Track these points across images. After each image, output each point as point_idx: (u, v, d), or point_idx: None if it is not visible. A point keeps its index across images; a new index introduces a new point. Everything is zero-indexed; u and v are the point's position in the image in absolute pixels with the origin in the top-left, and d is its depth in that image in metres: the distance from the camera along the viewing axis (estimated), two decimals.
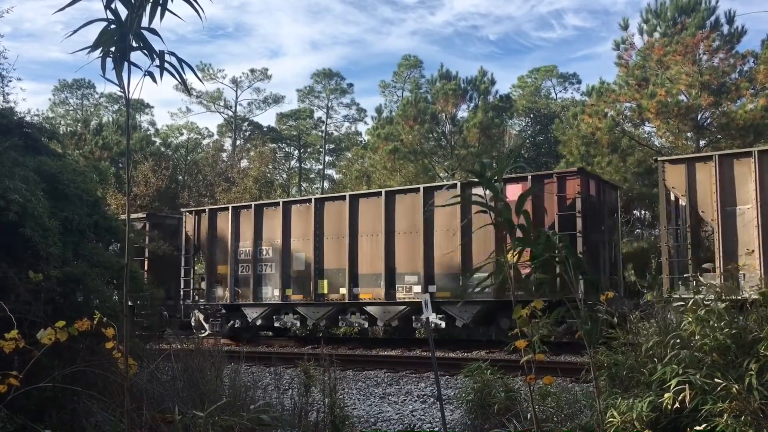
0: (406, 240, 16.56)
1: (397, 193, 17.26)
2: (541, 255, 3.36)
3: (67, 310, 5.74)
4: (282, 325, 18.51)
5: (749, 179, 12.91)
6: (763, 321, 4.84)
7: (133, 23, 3.03)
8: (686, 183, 13.61)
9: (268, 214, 19.02)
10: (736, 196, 13.07)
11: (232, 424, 4.76)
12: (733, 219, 13.02)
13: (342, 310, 17.60)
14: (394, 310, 16.67)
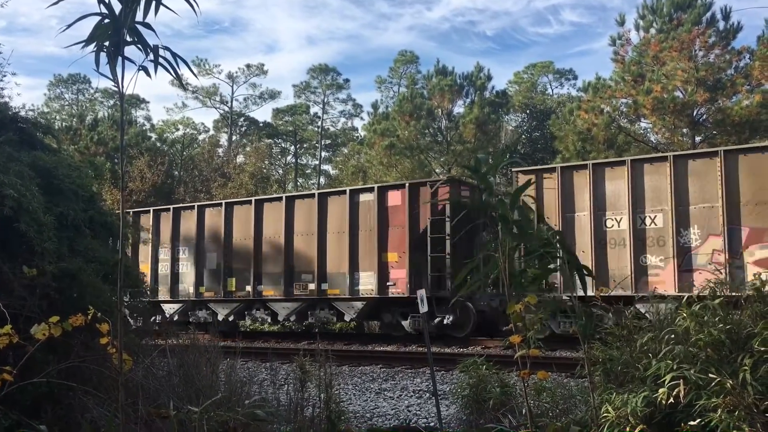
0: (304, 241, 18.05)
1: (296, 198, 18.82)
2: (536, 250, 3.36)
3: (62, 305, 5.73)
4: (195, 320, 19.53)
5: (585, 189, 14.57)
6: (757, 317, 4.85)
7: (127, 18, 3.02)
8: (535, 191, 14.77)
9: (185, 216, 20.49)
10: (575, 203, 14.73)
11: (227, 420, 4.76)
12: (572, 224, 14.71)
13: (248, 306, 19.10)
14: (292, 306, 18.11)
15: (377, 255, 16.81)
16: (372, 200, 17.10)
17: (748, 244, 12.92)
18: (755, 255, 12.79)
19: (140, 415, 4.84)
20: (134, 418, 4.83)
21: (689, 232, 13.67)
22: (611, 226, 14.40)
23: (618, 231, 14.29)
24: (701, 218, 13.52)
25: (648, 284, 13.71)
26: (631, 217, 14.10)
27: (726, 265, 12.69)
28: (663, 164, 14.00)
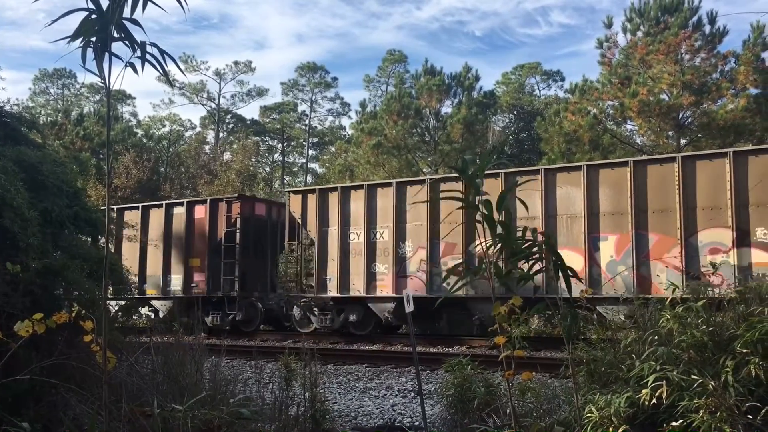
0: (176, 248, 20.11)
1: (174, 206, 20.54)
2: (521, 252, 3.37)
3: (47, 302, 5.70)
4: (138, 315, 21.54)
5: (336, 208, 17.56)
6: (739, 319, 4.90)
7: (115, 13, 3.00)
8: (301, 209, 18.11)
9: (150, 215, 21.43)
10: (329, 219, 17.65)
11: (211, 418, 4.75)
12: (326, 237, 17.63)
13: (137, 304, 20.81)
14: (168, 304, 19.86)
15: (184, 260, 19.69)
16: (182, 213, 19.98)
17: (444, 255, 16.01)
18: (448, 264, 15.75)
19: (124, 413, 4.81)
20: (117, 416, 4.80)
21: (405, 245, 16.63)
22: (353, 239, 17.26)
23: (358, 243, 17.19)
24: (414, 234, 16.48)
25: (376, 287, 16.82)
26: (366, 232, 17.03)
27: (429, 271, 15.99)
28: (389, 189, 16.95)
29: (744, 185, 13.09)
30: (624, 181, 14.09)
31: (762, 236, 12.90)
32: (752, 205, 13.02)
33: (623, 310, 12.39)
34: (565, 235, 14.57)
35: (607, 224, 14.23)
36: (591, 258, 14.28)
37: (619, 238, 14.10)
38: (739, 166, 13.16)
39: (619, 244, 14.12)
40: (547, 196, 14.75)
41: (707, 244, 13.33)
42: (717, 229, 13.25)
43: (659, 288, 13.33)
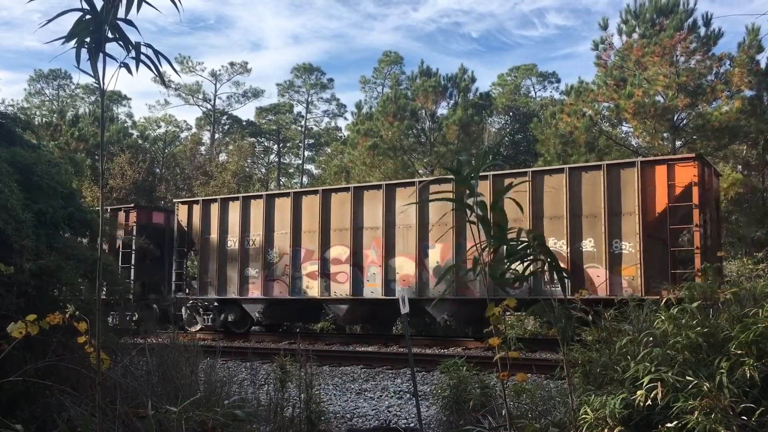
0: None
1: None
2: (517, 253, 3.37)
3: (41, 303, 5.67)
4: None
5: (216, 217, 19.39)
6: (734, 320, 4.91)
7: (109, 14, 2.99)
8: (187, 218, 20.01)
9: None
10: (210, 227, 19.43)
11: (206, 420, 4.74)
12: (208, 243, 19.41)
13: None
14: None
15: None
16: None
17: (304, 261, 17.92)
18: (307, 269, 17.83)
19: (118, 414, 4.80)
20: (112, 417, 4.78)
21: (272, 251, 18.42)
22: (230, 246, 19.02)
23: (233, 249, 18.90)
24: (280, 240, 18.27)
25: (248, 289, 18.56)
26: (241, 239, 18.75)
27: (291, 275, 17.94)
28: (260, 200, 18.81)
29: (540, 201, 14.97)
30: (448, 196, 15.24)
31: (554, 245, 14.56)
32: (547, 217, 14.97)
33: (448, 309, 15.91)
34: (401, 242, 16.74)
35: (436, 233, 16.04)
36: (420, 263, 16.33)
37: (444, 247, 16.08)
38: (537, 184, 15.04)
39: (444, 252, 16.16)
40: (387, 207, 16.85)
41: None
42: None
43: (475, 289, 15.43)
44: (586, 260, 14.61)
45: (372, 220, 17.03)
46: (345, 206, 17.37)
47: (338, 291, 17.36)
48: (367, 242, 17.09)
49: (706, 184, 14.45)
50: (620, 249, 14.35)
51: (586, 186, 14.72)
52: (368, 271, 17.10)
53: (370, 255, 17.03)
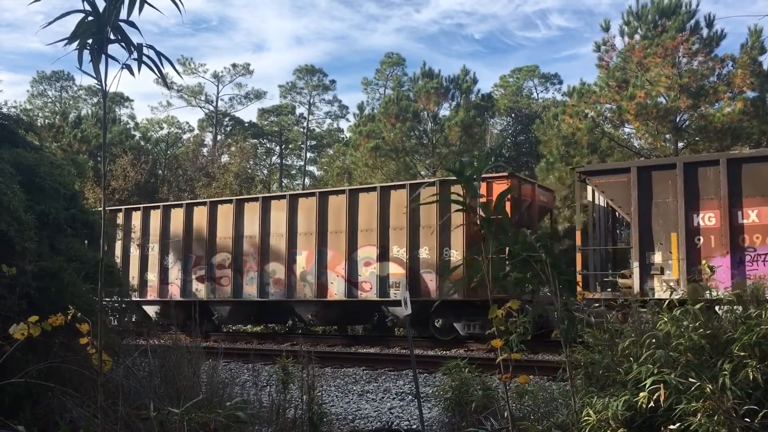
0: None
1: None
2: (520, 254, 3.37)
3: (43, 304, 5.67)
4: None
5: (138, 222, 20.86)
6: (737, 321, 4.90)
7: (111, 15, 2.99)
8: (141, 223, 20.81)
9: None
10: None
11: (208, 421, 4.73)
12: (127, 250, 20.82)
13: None
14: None
15: None
16: None
17: (195, 265, 19.66)
18: (198, 273, 19.63)
19: (120, 415, 4.80)
20: (114, 418, 4.79)
21: (168, 257, 20.15)
22: (133, 253, 20.57)
23: (135, 255, 20.56)
24: (175, 249, 20.02)
25: (147, 291, 20.16)
26: (141, 246, 20.45)
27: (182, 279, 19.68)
28: (158, 210, 20.62)
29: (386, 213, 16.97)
30: (312, 208, 17.99)
31: (396, 253, 16.73)
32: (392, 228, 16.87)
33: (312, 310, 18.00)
34: (274, 249, 18.44)
35: (302, 242, 18.02)
36: (289, 268, 18.09)
37: (309, 254, 17.89)
38: (383, 197, 17.02)
39: (308, 258, 17.91)
40: (263, 218, 18.71)
41: (363, 258, 17.13)
42: (370, 248, 17.07)
43: (333, 292, 17.39)
44: (423, 266, 16.44)
45: (251, 229, 18.94)
46: (229, 217, 19.29)
47: (222, 293, 19.29)
48: (246, 249, 18.97)
49: (521, 198, 16.41)
50: (449, 256, 16.10)
51: (425, 199, 15.99)
52: (247, 276, 18.92)
53: (249, 261, 18.92)
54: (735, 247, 13.17)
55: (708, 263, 11.94)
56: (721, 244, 13.29)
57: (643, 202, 14.04)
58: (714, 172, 13.48)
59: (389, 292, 16.70)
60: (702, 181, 13.54)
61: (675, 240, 13.68)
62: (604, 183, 14.82)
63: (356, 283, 17.18)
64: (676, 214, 13.66)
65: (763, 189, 13.10)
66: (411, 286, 16.23)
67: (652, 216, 13.99)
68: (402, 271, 16.61)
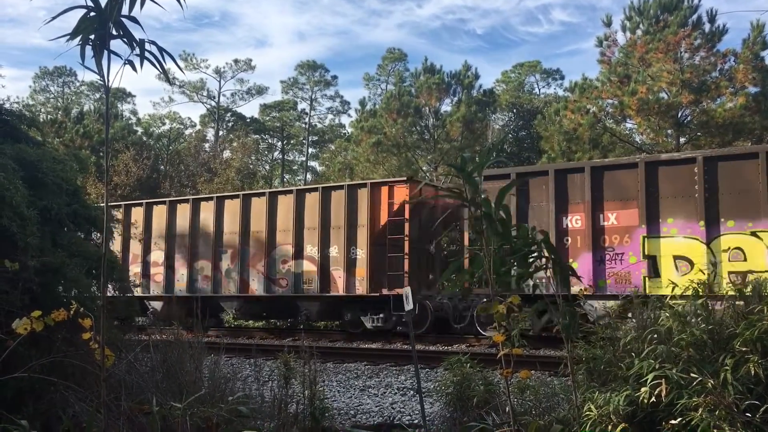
0: None
1: None
2: (521, 250, 3.38)
3: (45, 299, 5.69)
4: None
5: None
6: (738, 317, 4.90)
7: (113, 11, 3.00)
8: None
9: None
10: None
11: (210, 416, 4.75)
12: None
13: None
14: None
15: None
16: None
17: (132, 263, 20.50)
18: (133, 270, 20.19)
19: (123, 410, 4.81)
20: (117, 413, 4.80)
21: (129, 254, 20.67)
22: None
23: None
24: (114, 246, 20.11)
25: None
26: None
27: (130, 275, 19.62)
28: (140, 209, 20.87)
29: (302, 214, 18.17)
30: (237, 209, 19.13)
31: (310, 251, 17.92)
32: (306, 228, 18.09)
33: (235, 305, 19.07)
34: (203, 247, 19.58)
35: (227, 241, 19.21)
36: (215, 266, 19.17)
37: (233, 252, 19.07)
38: (299, 200, 18.23)
39: (233, 256, 19.06)
40: (193, 218, 19.78)
41: (281, 257, 18.30)
42: (287, 246, 18.22)
43: (253, 288, 18.55)
44: (332, 264, 17.57)
45: (182, 228, 20.01)
46: (162, 216, 20.26)
47: (156, 289, 20.17)
48: (178, 247, 20.02)
49: (423, 202, 17.35)
50: (355, 255, 17.29)
51: (335, 202, 17.72)
52: (178, 273, 19.90)
53: (180, 258, 19.96)
54: (597, 246, 14.27)
55: (573, 262, 14.24)
56: (585, 244, 14.38)
57: (522, 205, 15.13)
58: (580, 179, 14.58)
59: (303, 288, 17.91)
60: (570, 187, 14.68)
61: None
62: (490, 187, 15.54)
63: (274, 280, 18.39)
64: (548, 217, 14.75)
65: (620, 194, 14.14)
66: (321, 282, 17.58)
67: (529, 218, 15.02)
68: (314, 269, 17.78)
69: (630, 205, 13.96)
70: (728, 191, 13.20)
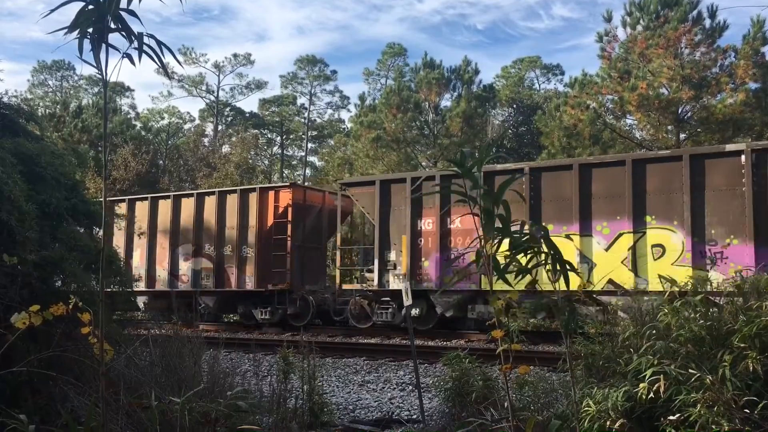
0: None
1: None
2: (521, 245, 3.36)
3: (44, 294, 5.68)
4: None
5: None
6: (737, 313, 4.90)
7: (111, 4, 2.98)
8: None
9: None
10: None
11: (208, 411, 4.75)
12: None
13: None
14: None
15: None
16: None
17: None
18: None
19: (121, 405, 4.81)
20: (115, 408, 4.80)
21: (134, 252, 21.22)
22: None
23: None
24: None
25: None
26: None
27: None
28: (122, 204, 21.38)
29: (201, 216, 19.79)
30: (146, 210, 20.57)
31: (207, 250, 19.65)
32: (205, 228, 19.71)
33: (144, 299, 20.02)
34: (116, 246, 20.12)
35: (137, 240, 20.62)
36: (127, 263, 19.60)
37: (142, 250, 20.48)
38: (198, 202, 19.80)
39: (142, 254, 20.53)
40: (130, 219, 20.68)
41: (183, 255, 19.98)
42: (188, 245, 19.88)
43: (159, 284, 20.07)
44: (226, 261, 19.25)
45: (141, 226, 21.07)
46: None
47: None
48: None
49: (304, 204, 19.33)
50: (246, 253, 18.98)
51: (230, 205, 19.37)
52: None
53: None
54: (444, 247, 15.97)
55: (426, 261, 16.14)
56: (435, 245, 16.04)
57: (384, 210, 16.88)
58: (433, 186, 16.14)
59: (201, 283, 19.54)
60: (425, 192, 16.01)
61: (405, 241, 16.51)
62: (359, 193, 17.69)
63: (177, 276, 20.04)
64: (406, 220, 16.41)
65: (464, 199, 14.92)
66: (217, 278, 19.33)
67: (390, 221, 16.80)
68: (211, 266, 19.47)
69: None
70: (549, 199, 14.82)
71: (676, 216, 13.56)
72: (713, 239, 13.28)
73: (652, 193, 13.86)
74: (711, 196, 13.32)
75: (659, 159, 14.20)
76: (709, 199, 13.33)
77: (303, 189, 20.26)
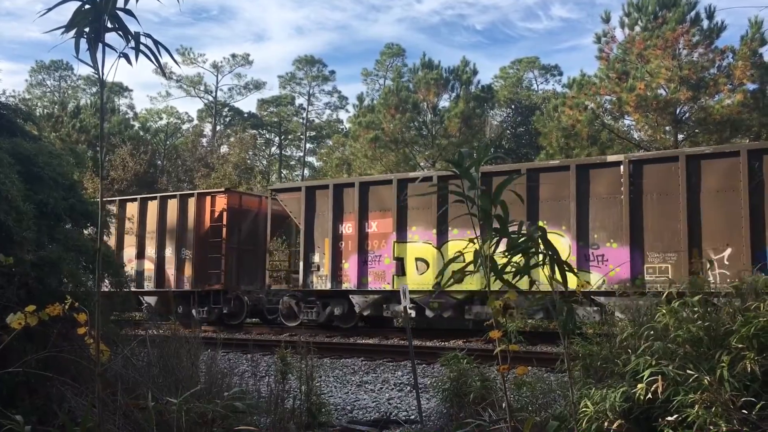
0: None
1: None
2: (519, 246, 3.36)
3: (42, 294, 5.67)
4: None
5: None
6: (735, 314, 4.90)
7: (108, 3, 2.97)
8: None
9: None
10: None
11: (206, 411, 4.74)
12: None
13: None
14: None
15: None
16: None
17: None
18: None
19: (119, 405, 4.80)
20: (112, 408, 4.79)
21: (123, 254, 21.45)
22: None
23: None
24: None
25: None
26: None
27: None
28: None
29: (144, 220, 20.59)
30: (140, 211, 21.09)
31: (149, 252, 20.42)
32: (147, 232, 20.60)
33: None
34: None
35: None
36: None
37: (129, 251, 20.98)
38: (142, 206, 20.60)
39: None
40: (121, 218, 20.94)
41: (127, 257, 20.50)
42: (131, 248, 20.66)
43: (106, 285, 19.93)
44: (167, 263, 20.04)
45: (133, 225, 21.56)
46: None
47: None
48: None
49: (240, 208, 20.15)
50: (185, 255, 19.88)
51: (170, 209, 20.19)
52: None
53: None
54: (362, 250, 16.87)
55: (346, 262, 17.04)
56: (354, 248, 16.90)
57: (309, 214, 17.72)
58: (353, 192, 17.06)
59: (144, 284, 20.26)
60: (346, 199, 17.17)
61: (327, 244, 17.33)
62: (287, 199, 18.46)
63: None
64: (329, 224, 17.28)
65: (380, 205, 16.76)
66: (157, 279, 20.09)
67: (315, 225, 17.65)
68: (152, 267, 20.26)
69: (387, 215, 16.59)
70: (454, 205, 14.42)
71: (564, 221, 14.41)
72: (596, 243, 14.22)
73: (544, 201, 14.73)
74: (594, 204, 14.26)
75: (551, 168, 15.15)
76: (593, 206, 14.26)
77: (239, 194, 21.29)
